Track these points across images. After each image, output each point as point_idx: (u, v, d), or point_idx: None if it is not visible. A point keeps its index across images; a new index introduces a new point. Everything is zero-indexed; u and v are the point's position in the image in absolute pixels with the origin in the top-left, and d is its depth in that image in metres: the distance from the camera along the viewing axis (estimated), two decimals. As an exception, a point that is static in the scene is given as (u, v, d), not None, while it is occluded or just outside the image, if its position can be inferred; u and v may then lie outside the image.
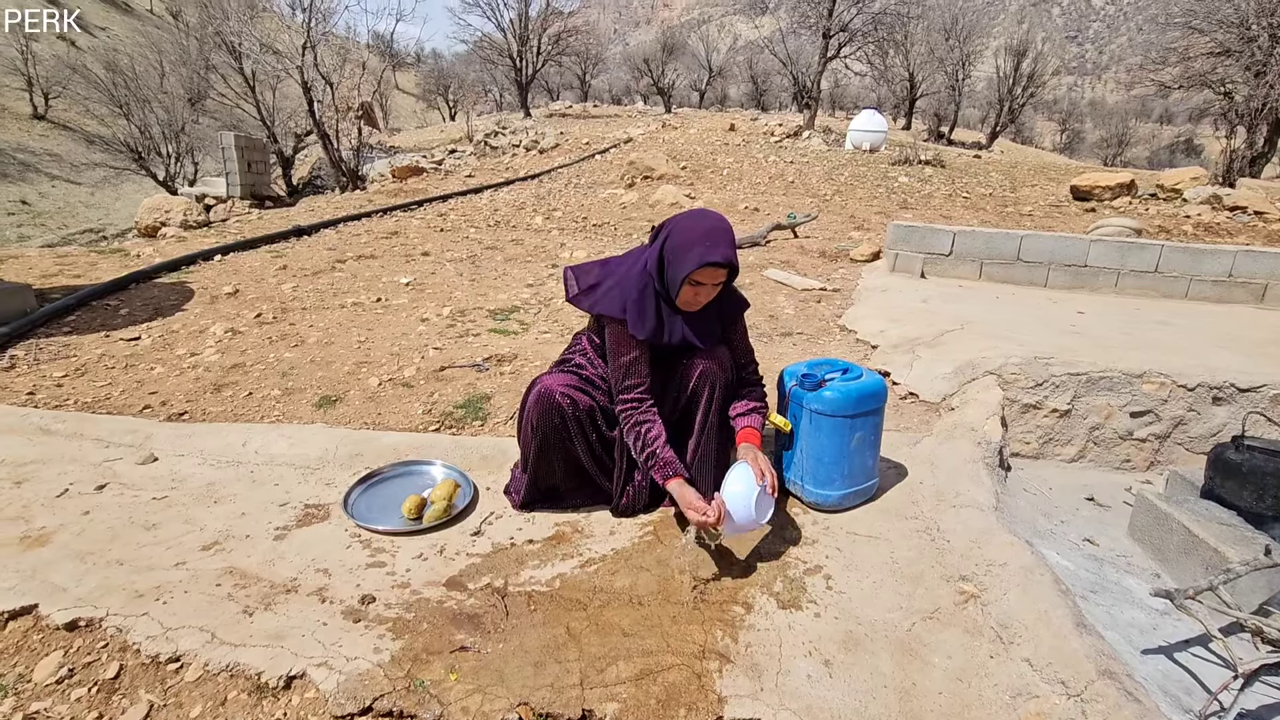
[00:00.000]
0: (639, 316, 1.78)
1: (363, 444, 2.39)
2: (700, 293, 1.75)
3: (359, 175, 11.53)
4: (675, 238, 1.73)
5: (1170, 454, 2.49)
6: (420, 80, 48.84)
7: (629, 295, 1.79)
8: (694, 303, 1.78)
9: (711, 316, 1.87)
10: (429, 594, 1.67)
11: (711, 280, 1.72)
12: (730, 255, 1.69)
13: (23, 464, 2.24)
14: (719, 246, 1.68)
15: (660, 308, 1.81)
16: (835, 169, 11.90)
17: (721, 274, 1.72)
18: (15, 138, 26.71)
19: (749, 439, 1.80)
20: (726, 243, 1.70)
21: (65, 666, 1.44)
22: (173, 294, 4.10)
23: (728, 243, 1.70)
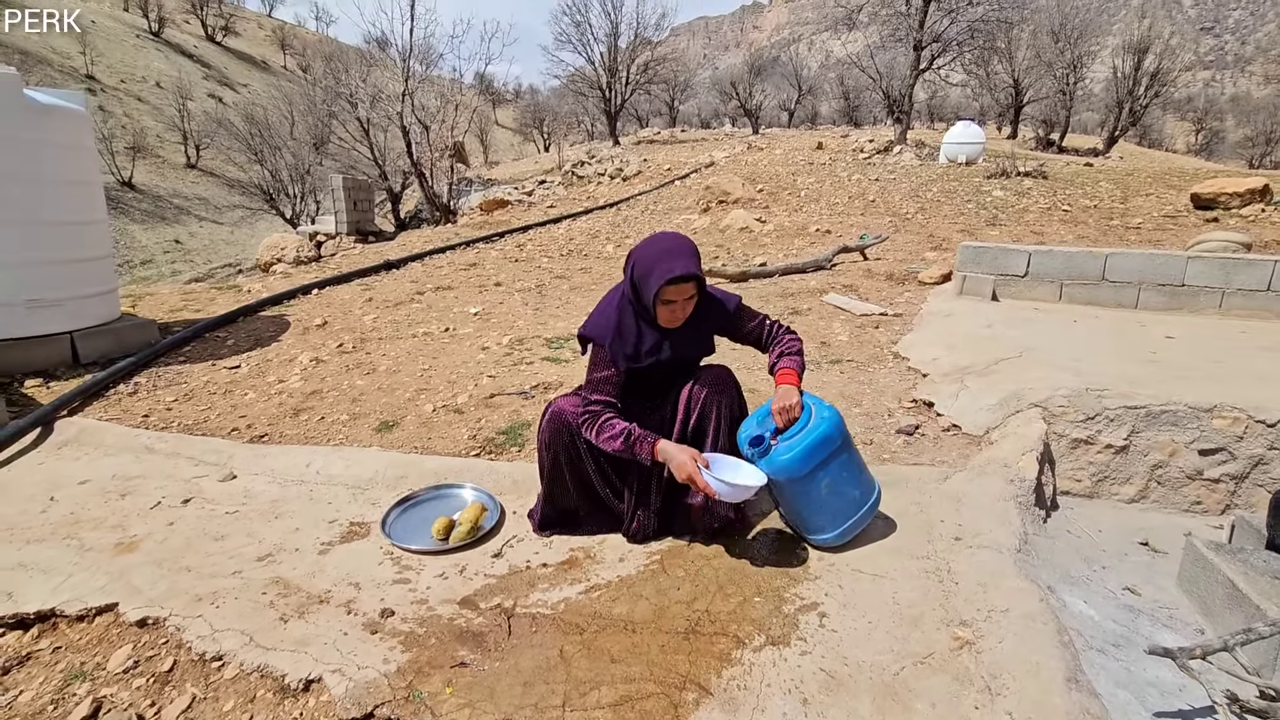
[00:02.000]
0: (619, 339, 1.91)
1: (408, 467, 2.59)
2: (675, 309, 1.86)
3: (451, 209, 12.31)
4: (639, 265, 1.86)
5: (1250, 496, 2.25)
6: (518, 115, 51.54)
7: (610, 320, 1.92)
8: (675, 319, 1.89)
9: (698, 331, 1.97)
10: (443, 611, 1.79)
11: (681, 296, 1.82)
12: (688, 267, 1.79)
13: (129, 478, 2.59)
14: (676, 261, 1.78)
15: (642, 329, 1.93)
16: (923, 185, 11.48)
17: (688, 287, 1.82)
18: (172, 185, 30.40)
19: (786, 380, 1.92)
20: (683, 257, 1.80)
21: (132, 659, 1.67)
22: (272, 326, 4.58)
23: (684, 257, 1.80)
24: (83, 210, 3.80)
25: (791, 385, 1.91)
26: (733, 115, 43.22)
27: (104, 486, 2.52)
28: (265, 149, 25.98)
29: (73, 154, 3.74)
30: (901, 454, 2.50)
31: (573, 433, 2.01)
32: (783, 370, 1.95)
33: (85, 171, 3.85)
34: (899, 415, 2.83)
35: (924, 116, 43.54)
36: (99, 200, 4.00)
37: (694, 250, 1.86)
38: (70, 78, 31.37)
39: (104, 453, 2.82)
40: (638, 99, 35.47)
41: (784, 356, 1.99)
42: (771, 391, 1.98)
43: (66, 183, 3.68)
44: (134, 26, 39.50)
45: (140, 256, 25.15)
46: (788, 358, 1.98)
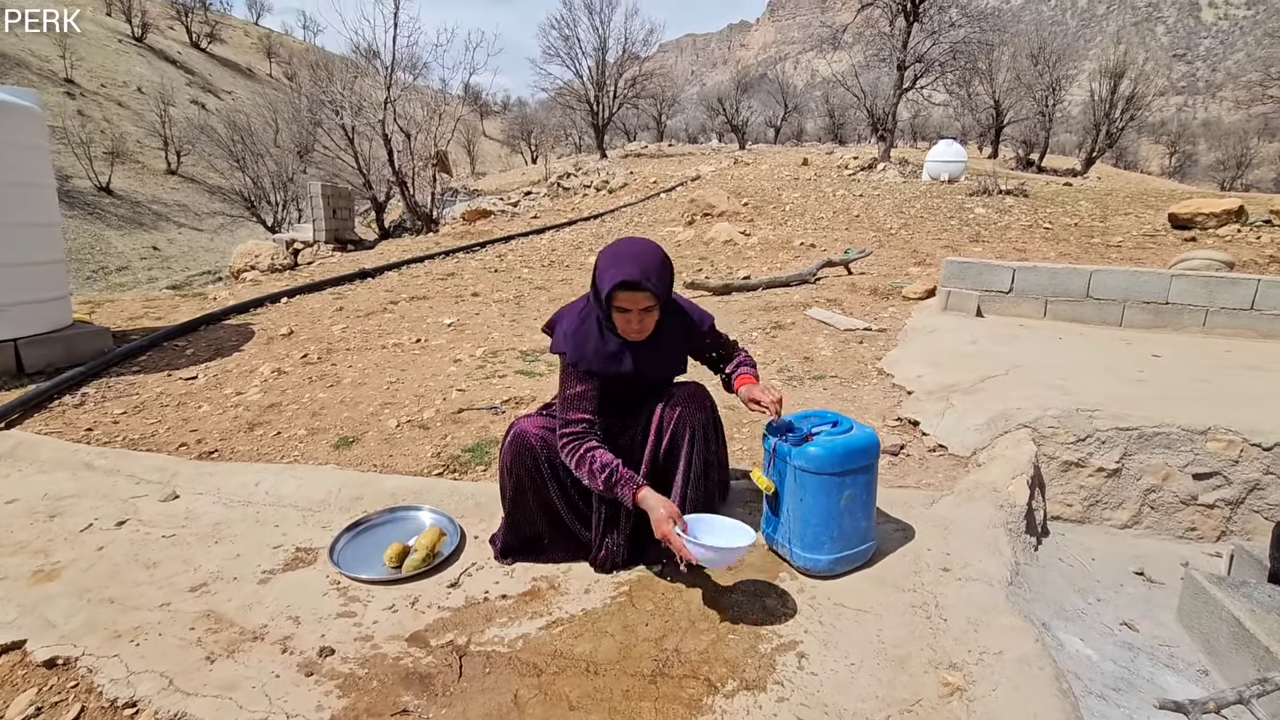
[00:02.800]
0: (576, 345, 1.81)
1: (365, 486, 2.43)
2: (631, 320, 1.74)
3: (433, 219, 12.16)
4: (598, 266, 1.77)
5: (1246, 522, 2.16)
6: (505, 127, 51.48)
7: (575, 327, 1.82)
8: (631, 330, 1.76)
9: (664, 350, 1.86)
10: (388, 649, 1.64)
11: (635, 305, 1.71)
12: (636, 274, 1.66)
13: (61, 498, 2.40)
14: (629, 267, 1.66)
15: (605, 335, 1.81)
16: (906, 201, 11.52)
17: (642, 296, 1.69)
18: (152, 191, 29.91)
19: (745, 380, 1.92)
20: (634, 263, 1.67)
21: (34, 704, 1.50)
22: (236, 335, 4.39)
23: (640, 263, 1.68)
24: (31, 212, 3.62)
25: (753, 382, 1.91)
26: (719, 130, 43.57)
27: (32, 507, 2.33)
28: (248, 156, 25.67)
29: (22, 153, 3.56)
30: (886, 475, 2.39)
31: (536, 456, 1.87)
32: (742, 374, 1.94)
33: (35, 172, 3.67)
34: (884, 434, 2.71)
35: (908, 135, 44.17)
36: (50, 202, 3.82)
37: (659, 261, 1.74)
38: (49, 81, 30.87)
39: (38, 469, 2.63)
40: (625, 113, 35.59)
41: (741, 366, 1.98)
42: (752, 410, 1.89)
43: (13, 184, 3.50)
44: (116, 31, 39.05)
45: (116, 263, 24.66)
46: (746, 368, 1.97)
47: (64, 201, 25.77)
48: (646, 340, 1.80)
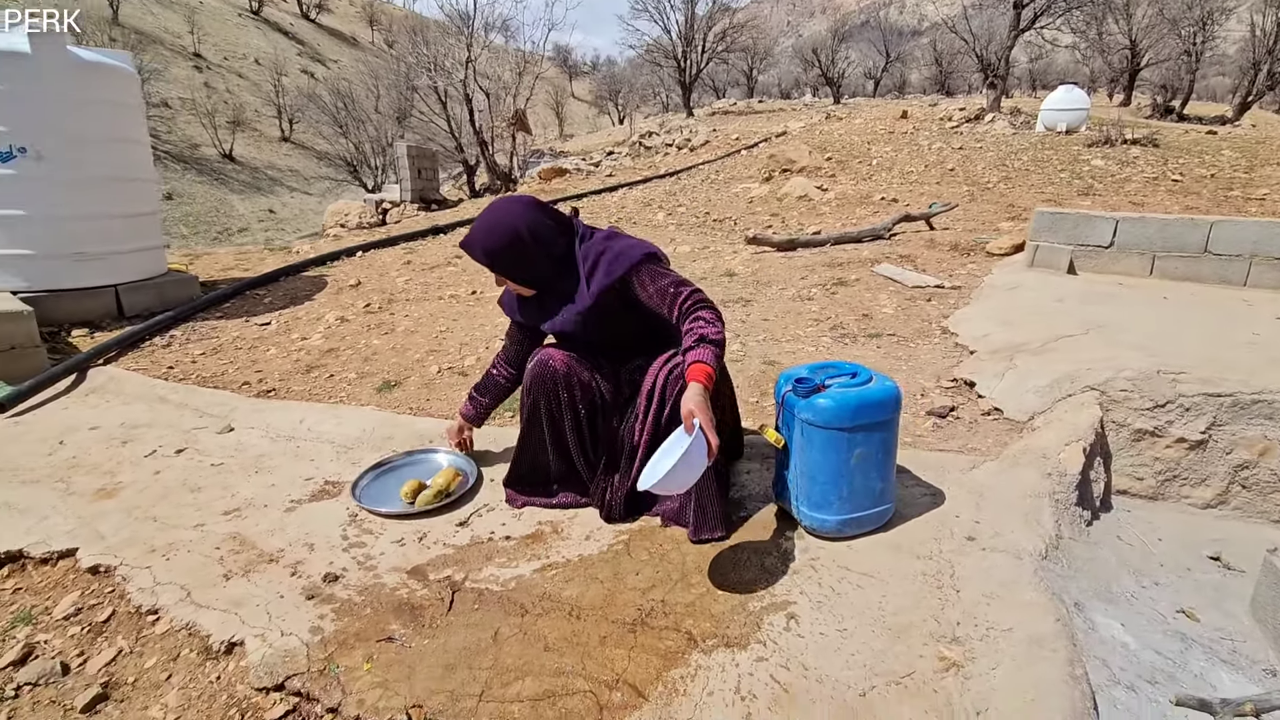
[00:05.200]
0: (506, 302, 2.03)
1: (397, 427, 2.50)
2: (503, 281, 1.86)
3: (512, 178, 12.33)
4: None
5: (1362, 510, 1.83)
6: (594, 87, 51.26)
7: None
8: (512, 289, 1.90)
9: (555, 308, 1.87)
10: (389, 580, 1.68)
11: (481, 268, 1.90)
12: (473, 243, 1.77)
13: (135, 426, 2.62)
14: (471, 233, 1.79)
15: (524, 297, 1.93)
16: (1012, 154, 10.56)
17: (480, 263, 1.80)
18: (268, 157, 32.06)
19: (694, 376, 1.52)
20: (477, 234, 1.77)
21: (76, 605, 1.65)
22: (310, 286, 4.63)
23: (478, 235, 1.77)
24: (128, 167, 3.91)
25: (699, 384, 1.50)
26: (814, 85, 41.45)
27: (110, 434, 2.56)
28: (350, 122, 26.96)
29: (119, 111, 3.84)
30: (928, 438, 2.20)
31: (556, 382, 1.86)
32: (692, 365, 1.54)
33: (131, 129, 3.95)
34: (934, 395, 2.51)
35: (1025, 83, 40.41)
36: (145, 158, 4.11)
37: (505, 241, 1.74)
38: (180, 55, 33.46)
39: (121, 401, 2.89)
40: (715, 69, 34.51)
41: (701, 343, 1.57)
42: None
43: (112, 140, 3.78)
44: (236, 5, 41.61)
45: (238, 225, 26.72)
46: (703, 346, 1.56)
47: (193, 168, 28.15)
48: (534, 299, 1.89)
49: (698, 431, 1.45)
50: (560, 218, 1.85)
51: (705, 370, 1.53)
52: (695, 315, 1.64)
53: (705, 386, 1.51)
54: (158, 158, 26.72)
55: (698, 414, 1.46)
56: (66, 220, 3.60)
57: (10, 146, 3.38)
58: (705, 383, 1.51)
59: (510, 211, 1.77)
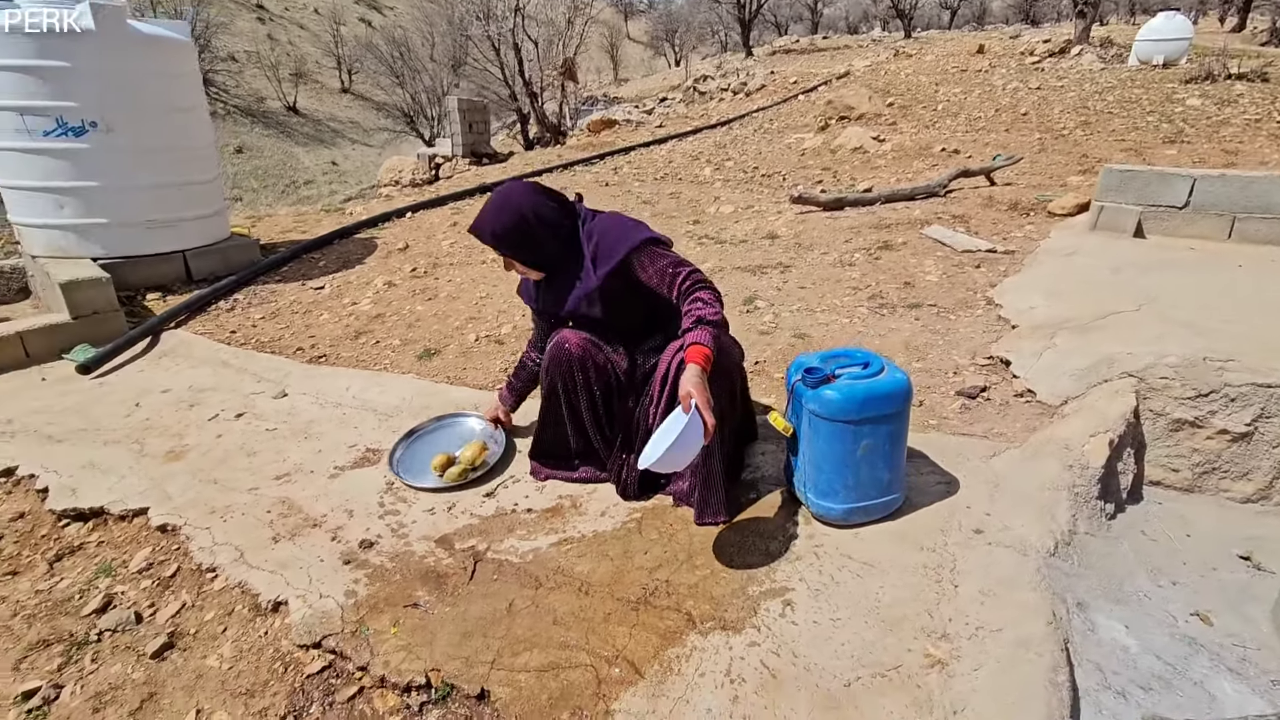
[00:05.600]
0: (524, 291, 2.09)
1: (434, 396, 2.63)
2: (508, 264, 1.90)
3: (560, 130, 12.21)
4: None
5: None
6: (650, 28, 49.59)
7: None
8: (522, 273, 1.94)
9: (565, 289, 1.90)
10: (418, 548, 1.81)
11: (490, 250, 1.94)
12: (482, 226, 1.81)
13: (201, 390, 2.84)
14: (480, 216, 1.83)
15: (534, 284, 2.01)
16: (1095, 94, 9.76)
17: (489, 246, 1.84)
18: (329, 109, 32.65)
19: (691, 358, 1.57)
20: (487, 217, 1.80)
21: (148, 561, 1.85)
22: (362, 249, 4.80)
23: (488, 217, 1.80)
24: (189, 135, 4.09)
25: (697, 366, 1.55)
26: (884, 17, 38.85)
27: (179, 396, 2.78)
28: (406, 72, 27.09)
29: (178, 82, 4.00)
30: (953, 420, 2.17)
31: (571, 364, 1.93)
32: (690, 347, 1.59)
33: (190, 98, 4.12)
34: (966, 374, 2.45)
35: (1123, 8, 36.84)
36: (205, 126, 4.29)
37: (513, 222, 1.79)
38: (244, 8, 34.06)
39: (190, 364, 3.12)
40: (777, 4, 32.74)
41: (698, 325, 1.62)
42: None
43: (173, 110, 3.96)
44: (294, -47, 41.73)
45: (304, 177, 27.52)
46: (701, 328, 1.61)
47: (260, 121, 28.96)
48: (545, 283, 1.94)
49: (694, 411, 1.49)
50: (563, 200, 1.88)
51: (703, 352, 1.57)
52: (694, 296, 1.68)
53: (703, 368, 1.55)
54: (228, 112, 27.67)
55: (695, 394, 1.51)
56: (136, 190, 3.82)
57: (82, 121, 3.58)
58: (702, 364, 1.55)
59: (515, 196, 1.82)
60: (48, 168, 3.62)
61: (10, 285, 3.97)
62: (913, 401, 2.28)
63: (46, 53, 3.45)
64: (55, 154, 3.60)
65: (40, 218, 3.71)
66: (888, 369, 1.61)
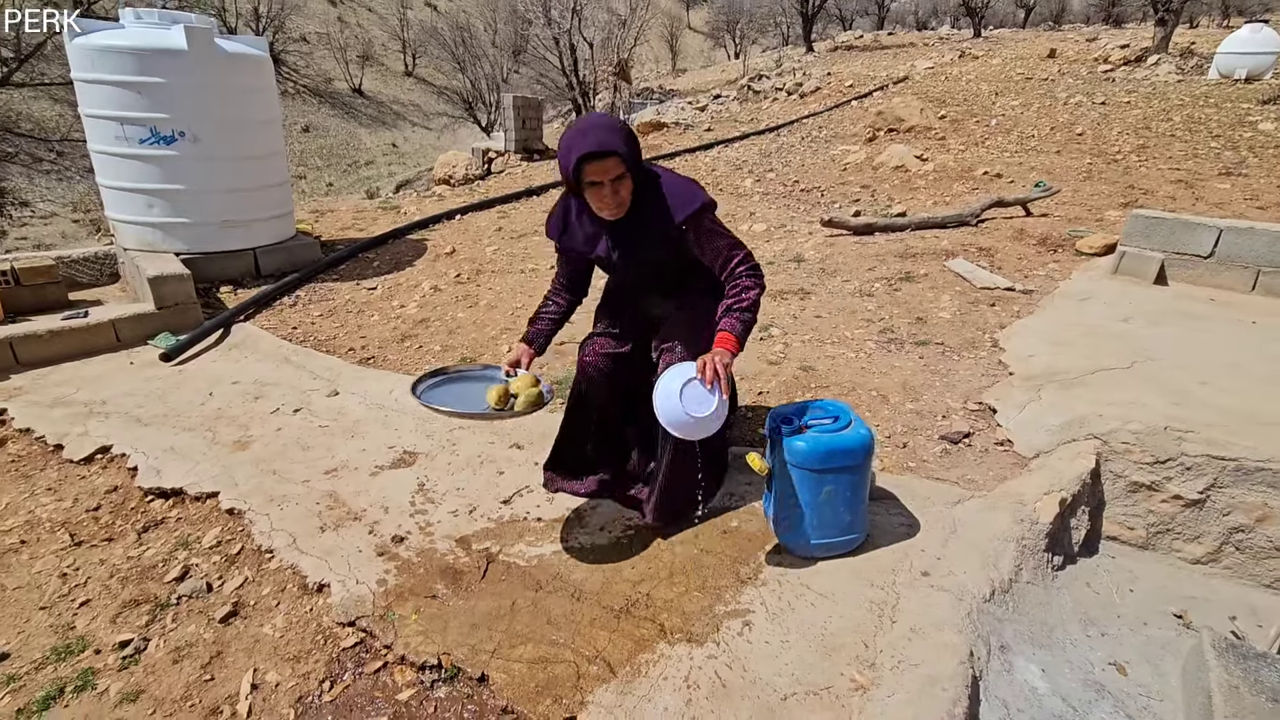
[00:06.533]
0: (559, 227, 1.99)
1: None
2: (604, 193, 1.73)
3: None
4: (560, 149, 1.76)
5: (1358, 587, 1.82)
6: (711, 18, 49.16)
7: (558, 214, 1.99)
8: (606, 205, 1.76)
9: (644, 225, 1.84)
10: (440, 546, 2.10)
11: (605, 175, 1.69)
12: (604, 140, 1.66)
13: (265, 384, 3.21)
14: (584, 140, 1.67)
15: (583, 219, 1.92)
16: (1163, 112, 9.46)
17: (610, 164, 1.68)
18: (392, 92, 33.58)
19: (720, 343, 1.75)
20: (593, 135, 1.67)
21: (217, 539, 2.19)
22: (412, 251, 5.15)
23: (594, 135, 1.67)
24: (265, 144, 4.49)
25: (726, 350, 1.73)
26: (954, 14, 37.63)
27: (246, 389, 3.15)
28: (467, 58, 27.65)
29: (257, 96, 4.39)
30: (932, 464, 2.35)
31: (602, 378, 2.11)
32: (720, 334, 1.77)
33: (267, 110, 4.51)
34: (955, 418, 2.61)
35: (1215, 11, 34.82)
36: (278, 135, 4.68)
37: (620, 129, 1.72)
38: (316, -10, 35.19)
39: (256, 358, 3.49)
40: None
41: (728, 314, 1.79)
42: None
43: (252, 121, 4.35)
44: (368, -62, 42.81)
45: (364, 158, 28.47)
46: (732, 316, 1.78)
47: (327, 102, 30.01)
48: (625, 219, 1.82)
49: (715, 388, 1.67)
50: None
51: (729, 339, 1.76)
52: (735, 281, 1.84)
53: (732, 352, 1.75)
54: (297, 92, 28.79)
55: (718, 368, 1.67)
56: (215, 193, 4.23)
57: (173, 131, 3.99)
58: (731, 348, 1.75)
59: (600, 116, 1.80)
60: (141, 171, 4.05)
61: (103, 270, 4.45)
62: (896, 443, 2.48)
63: (146, 69, 3.86)
64: (148, 160, 4.02)
65: (132, 215, 4.16)
66: (854, 424, 1.81)
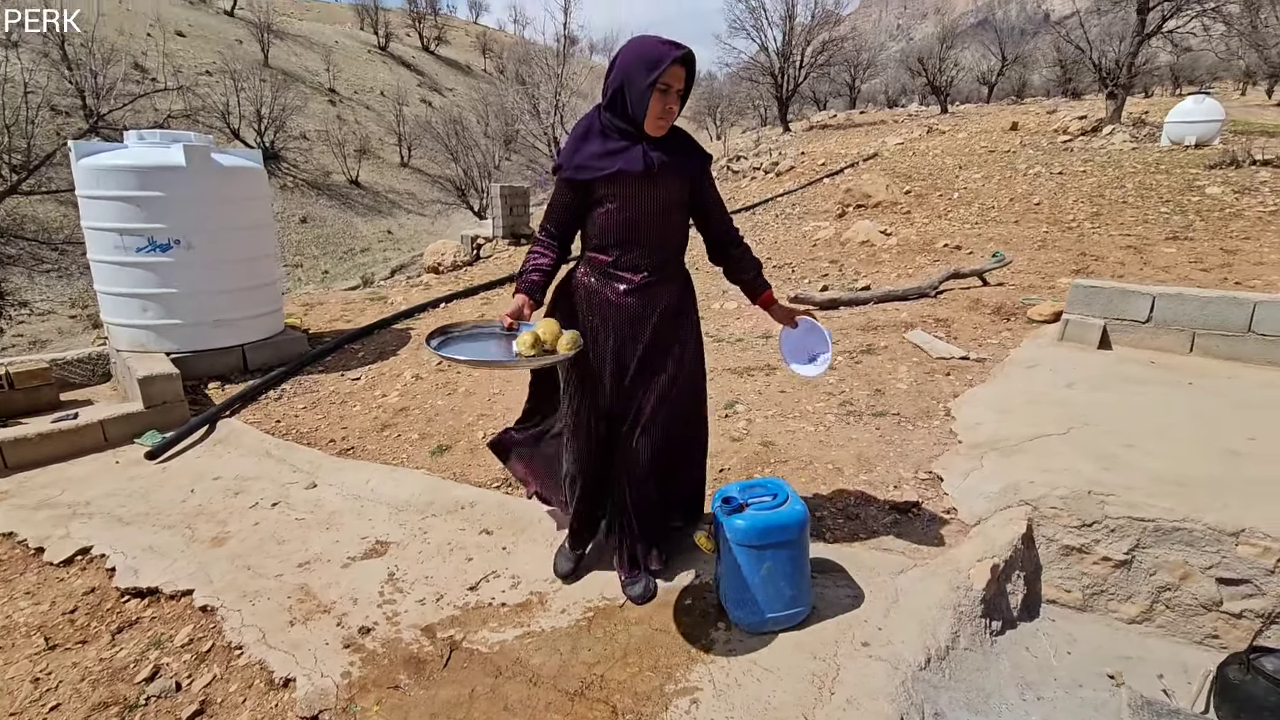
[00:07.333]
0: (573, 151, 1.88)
1: (437, 493, 3.02)
2: (670, 100, 1.78)
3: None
4: (633, 53, 1.78)
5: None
6: (693, 103, 51.94)
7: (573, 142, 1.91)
8: (664, 115, 1.80)
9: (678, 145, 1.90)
10: (406, 635, 2.17)
11: (679, 83, 1.78)
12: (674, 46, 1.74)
13: (245, 479, 3.31)
14: (676, 45, 1.74)
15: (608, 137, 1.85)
16: (1115, 180, 9.99)
17: (685, 75, 1.78)
18: (388, 182, 34.96)
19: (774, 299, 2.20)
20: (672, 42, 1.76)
21: (189, 636, 2.25)
22: (396, 340, 5.35)
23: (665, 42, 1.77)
24: (257, 248, 4.75)
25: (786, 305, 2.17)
26: (921, 93, 39.87)
27: (227, 485, 3.25)
28: (460, 149, 29.00)
29: (250, 204, 4.68)
30: (882, 534, 2.44)
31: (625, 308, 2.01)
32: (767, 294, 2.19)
33: (259, 217, 4.79)
34: (906, 488, 2.72)
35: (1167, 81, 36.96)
36: (270, 239, 4.96)
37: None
38: (317, 91, 37.20)
39: (239, 453, 3.61)
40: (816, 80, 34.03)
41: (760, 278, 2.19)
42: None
43: (244, 228, 4.62)
44: (366, 43, 45.66)
45: (360, 245, 29.33)
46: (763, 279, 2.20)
47: (325, 194, 31.17)
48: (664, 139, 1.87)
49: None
50: None
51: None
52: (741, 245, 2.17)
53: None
54: (296, 185, 29.98)
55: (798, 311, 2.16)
56: (207, 294, 4.45)
57: (169, 239, 4.25)
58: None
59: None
60: (137, 278, 4.28)
61: (95, 370, 4.61)
62: (848, 514, 2.59)
63: (146, 185, 4.15)
64: (144, 267, 4.26)
65: (127, 319, 4.36)
66: (790, 500, 1.93)
